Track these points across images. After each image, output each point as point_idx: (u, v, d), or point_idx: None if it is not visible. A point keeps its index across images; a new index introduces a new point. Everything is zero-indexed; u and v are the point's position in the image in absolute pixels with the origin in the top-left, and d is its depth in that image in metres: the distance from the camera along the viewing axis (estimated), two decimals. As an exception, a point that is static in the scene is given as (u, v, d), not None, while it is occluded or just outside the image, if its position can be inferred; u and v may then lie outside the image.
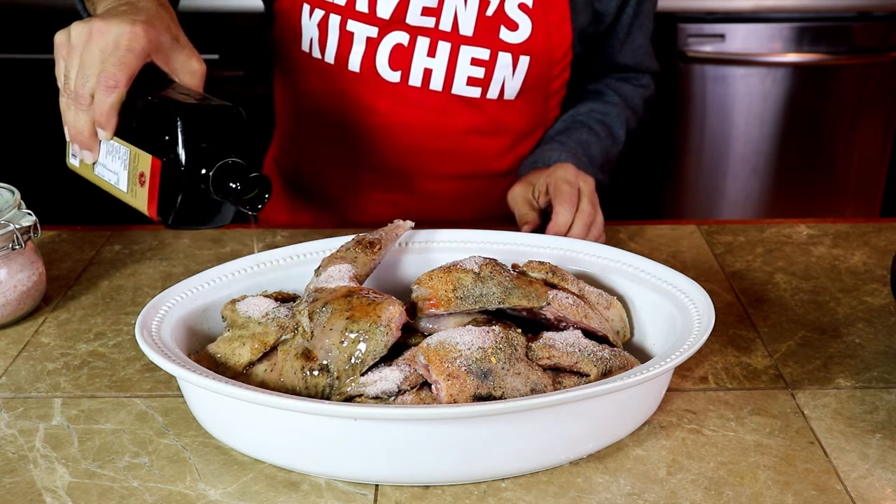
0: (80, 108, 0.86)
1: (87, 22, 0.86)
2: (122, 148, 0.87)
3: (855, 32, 2.28)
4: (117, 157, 0.88)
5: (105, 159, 0.89)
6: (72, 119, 0.87)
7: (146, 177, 0.84)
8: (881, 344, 0.93)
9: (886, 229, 1.19)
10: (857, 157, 2.38)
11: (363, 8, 1.14)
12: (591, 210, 1.05)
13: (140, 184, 0.85)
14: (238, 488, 0.72)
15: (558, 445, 0.74)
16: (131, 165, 0.86)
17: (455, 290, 0.79)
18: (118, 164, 0.88)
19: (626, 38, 1.26)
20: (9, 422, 0.81)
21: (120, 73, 0.84)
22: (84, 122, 0.86)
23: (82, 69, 0.85)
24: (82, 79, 0.85)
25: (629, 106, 1.29)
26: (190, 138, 0.82)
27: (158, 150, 0.83)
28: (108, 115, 0.85)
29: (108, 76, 0.83)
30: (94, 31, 0.85)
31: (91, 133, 0.87)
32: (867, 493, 0.72)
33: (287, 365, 0.77)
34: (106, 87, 0.84)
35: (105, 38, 0.84)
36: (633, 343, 0.88)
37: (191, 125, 0.82)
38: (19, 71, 2.27)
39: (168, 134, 0.82)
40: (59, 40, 0.88)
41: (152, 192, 0.84)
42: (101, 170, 0.91)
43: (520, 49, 1.15)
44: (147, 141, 0.84)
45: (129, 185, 0.87)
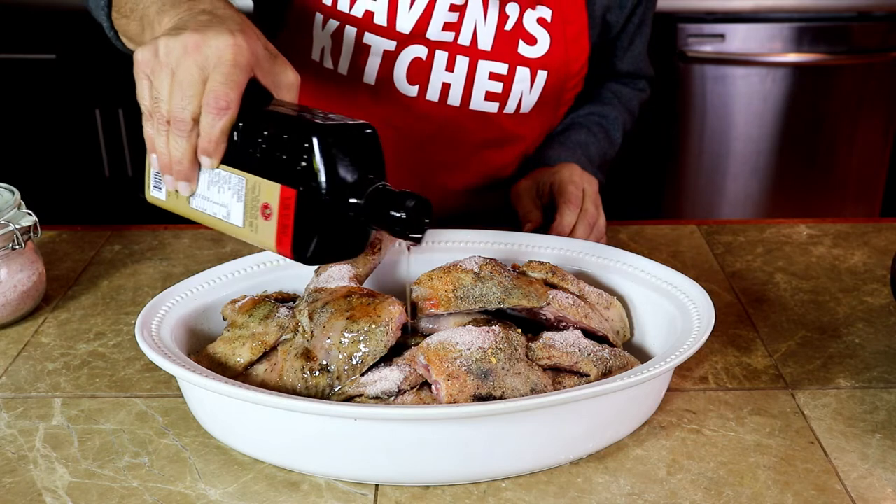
0: (179, 135, 0.75)
1: (176, 36, 0.74)
2: (233, 177, 0.75)
3: (855, 32, 2.28)
4: (226, 188, 0.76)
5: (207, 191, 0.78)
6: (164, 147, 0.76)
7: (273, 209, 0.73)
8: (881, 344, 0.93)
9: (886, 229, 1.19)
10: (857, 157, 2.38)
11: (382, 21, 1.11)
12: (594, 211, 1.06)
13: (264, 217, 0.74)
14: (238, 488, 0.72)
15: (558, 445, 0.74)
16: (249, 196, 0.75)
17: (455, 290, 0.79)
18: (228, 196, 0.76)
19: (628, 47, 1.26)
20: (9, 422, 0.81)
21: (230, 92, 0.73)
22: (184, 150, 0.75)
23: (180, 89, 0.74)
24: (181, 100, 0.74)
25: (627, 108, 1.29)
26: (332, 163, 0.71)
27: (290, 179, 0.72)
28: (217, 141, 0.74)
29: (218, 96, 0.73)
30: (188, 45, 0.73)
31: (192, 162, 0.76)
32: (867, 493, 0.72)
33: (287, 365, 0.77)
34: (217, 110, 0.73)
35: (203, 53, 0.73)
36: (633, 343, 0.88)
37: (331, 148, 0.71)
38: (19, 71, 2.27)
39: (304, 159, 0.71)
40: (142, 57, 0.76)
41: (283, 225, 0.73)
42: (200, 202, 0.79)
43: (538, 64, 1.14)
44: (272, 168, 0.73)
45: (246, 219, 0.75)
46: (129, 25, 0.89)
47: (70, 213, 2.25)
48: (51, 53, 2.25)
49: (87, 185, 2.40)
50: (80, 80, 2.28)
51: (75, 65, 2.26)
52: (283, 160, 0.72)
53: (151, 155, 0.78)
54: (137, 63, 0.76)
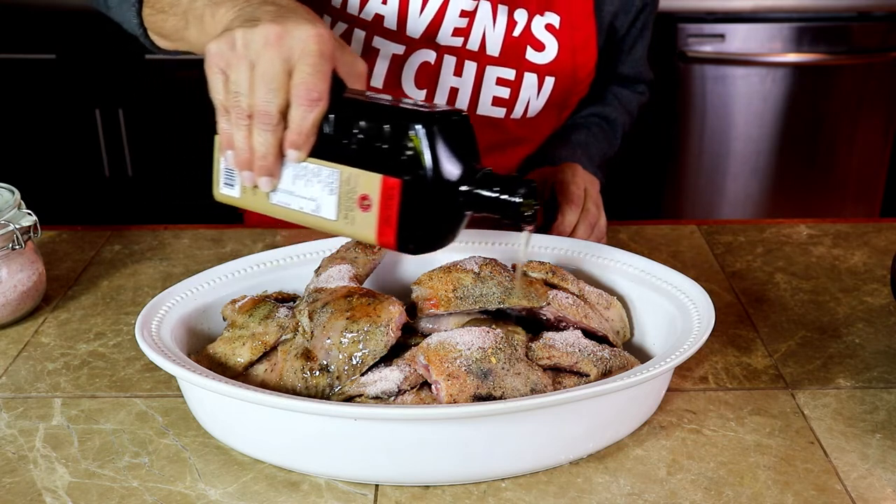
0: (264, 129, 0.73)
1: (252, 27, 0.72)
2: (323, 170, 0.74)
3: (855, 32, 2.28)
4: (315, 181, 0.75)
5: (292, 185, 0.76)
6: (244, 142, 0.74)
7: (373, 200, 0.72)
8: (881, 344, 0.93)
9: (886, 229, 1.19)
10: (857, 157, 2.38)
11: (391, 25, 1.10)
12: (595, 212, 1.06)
13: (362, 209, 0.73)
14: (238, 488, 0.72)
15: (558, 445, 0.74)
16: (343, 188, 0.74)
17: (455, 290, 0.79)
18: (317, 189, 0.75)
19: (630, 50, 1.26)
20: (9, 422, 0.81)
21: (321, 83, 0.71)
22: (269, 145, 0.73)
23: (263, 82, 0.71)
24: (266, 94, 0.71)
25: (626, 110, 1.30)
26: (439, 151, 0.70)
27: (393, 168, 0.71)
28: (308, 134, 0.73)
29: (310, 88, 0.71)
30: (270, 36, 0.71)
31: (277, 156, 0.74)
32: (867, 493, 0.72)
33: (287, 365, 0.77)
34: (309, 101, 0.71)
35: (287, 44, 0.71)
36: (633, 343, 0.88)
37: (436, 136, 0.70)
38: (19, 71, 2.27)
39: (408, 148, 0.70)
40: (216, 49, 0.73)
41: (386, 216, 0.72)
42: (283, 198, 0.77)
43: (546, 70, 1.14)
44: (369, 158, 0.72)
45: (340, 212, 0.74)
46: (167, 21, 0.87)
47: (70, 213, 2.25)
48: (51, 53, 2.25)
49: (87, 185, 2.40)
50: (80, 80, 2.28)
51: (75, 65, 2.26)
52: (384, 150, 0.72)
53: (227, 151, 0.76)
54: (211, 56, 0.73)
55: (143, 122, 2.33)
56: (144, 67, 2.25)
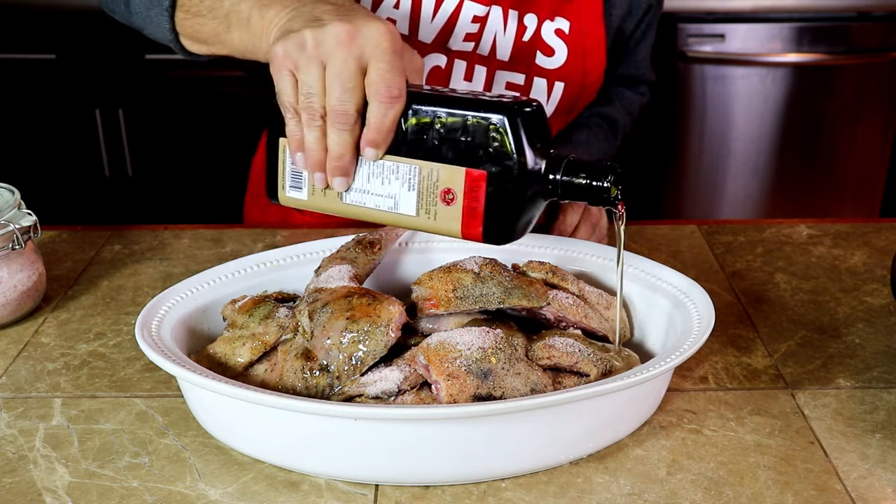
0: (341, 128, 0.72)
1: (321, 26, 0.71)
2: (402, 166, 0.75)
3: (855, 32, 2.28)
4: (393, 178, 0.75)
5: (367, 184, 0.76)
6: (317, 143, 0.73)
7: (456, 193, 0.73)
8: (881, 344, 0.93)
9: (886, 229, 1.19)
10: (857, 157, 2.39)
11: (403, 30, 1.09)
12: (597, 213, 1.06)
13: (446, 202, 0.74)
14: (238, 488, 0.72)
15: (558, 445, 0.74)
16: (424, 184, 0.74)
17: (455, 290, 0.79)
18: (395, 186, 0.75)
19: (633, 51, 1.26)
20: (9, 422, 0.81)
21: (399, 79, 0.71)
22: (346, 144, 0.73)
23: (338, 82, 0.71)
24: (342, 93, 0.71)
25: (627, 111, 1.30)
26: (525, 141, 0.71)
27: (477, 161, 0.72)
28: (388, 131, 0.73)
29: (390, 85, 0.71)
30: (340, 35, 0.70)
31: (353, 155, 0.74)
32: (867, 493, 0.72)
33: (287, 365, 0.77)
34: (389, 98, 0.71)
35: (358, 43, 0.71)
36: (633, 343, 0.88)
37: (519, 126, 0.71)
38: (19, 71, 2.27)
39: (493, 140, 0.71)
40: (283, 51, 0.72)
41: (472, 209, 0.73)
42: (358, 197, 0.77)
43: (555, 75, 1.14)
44: (451, 152, 0.73)
45: (421, 207, 0.75)
46: (205, 25, 0.87)
47: (70, 213, 2.25)
48: (51, 53, 2.25)
49: (87, 185, 2.40)
50: (80, 80, 2.28)
51: (75, 65, 2.26)
52: (466, 143, 0.72)
53: (296, 154, 0.75)
54: (278, 58, 0.73)
55: (143, 122, 2.33)
56: (144, 67, 2.26)
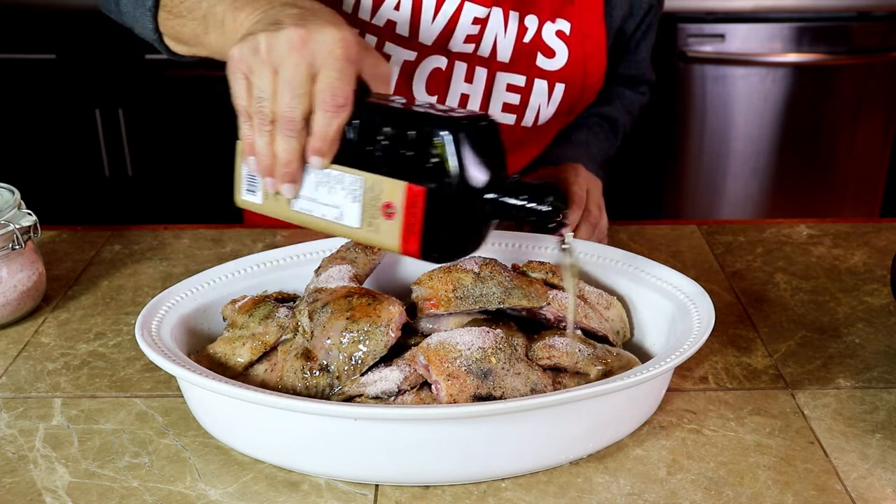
0: (288, 135, 0.71)
1: (276, 31, 0.70)
2: (346, 176, 0.73)
3: (855, 32, 2.28)
4: (338, 188, 0.73)
5: (315, 192, 0.75)
6: (266, 148, 0.73)
7: (396, 208, 0.70)
8: (881, 344, 0.93)
9: (886, 229, 1.19)
10: (857, 157, 2.38)
11: (404, 31, 1.09)
12: (597, 213, 1.06)
13: (386, 216, 0.71)
14: (238, 488, 0.72)
15: (558, 445, 0.74)
16: (367, 196, 0.72)
17: (455, 290, 0.79)
18: (340, 196, 0.74)
19: (634, 51, 1.26)
20: (9, 422, 0.81)
21: (347, 87, 0.70)
22: (292, 151, 0.72)
23: (287, 88, 0.70)
24: (290, 99, 0.70)
25: (628, 110, 1.30)
26: (465, 158, 0.68)
27: (418, 176, 0.69)
28: (332, 140, 0.71)
29: (336, 93, 0.69)
30: (293, 40, 0.69)
31: (300, 162, 0.73)
32: (867, 493, 0.72)
33: (287, 365, 0.77)
34: (334, 107, 0.70)
35: (310, 48, 0.69)
36: (633, 343, 0.88)
37: (462, 142, 0.68)
38: (19, 71, 2.27)
39: (433, 155, 0.68)
40: (239, 55, 0.71)
41: (410, 224, 0.70)
42: (305, 205, 0.76)
43: (556, 76, 1.14)
44: (393, 166, 0.71)
45: (364, 219, 0.73)
46: (185, 26, 0.86)
47: (70, 213, 2.25)
48: (51, 53, 2.25)
49: (87, 185, 2.40)
50: (80, 80, 2.28)
51: (75, 65, 2.26)
52: (409, 157, 0.70)
53: (249, 157, 0.75)
54: (234, 61, 0.72)
55: (143, 122, 2.33)
56: (144, 67, 2.25)
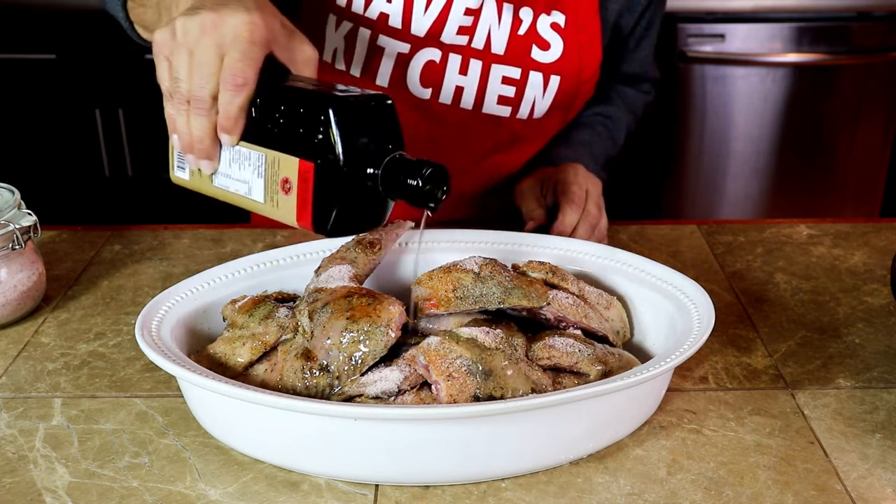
0: (198, 113, 0.76)
1: (192, 16, 0.75)
2: (253, 153, 0.77)
3: (855, 32, 2.28)
4: (247, 164, 0.78)
5: (228, 168, 0.79)
6: (185, 126, 0.77)
7: (292, 183, 0.74)
8: (881, 344, 0.93)
9: (886, 229, 1.19)
10: (857, 157, 2.38)
11: (396, 24, 1.10)
12: (596, 213, 1.06)
13: (284, 191, 0.75)
14: (238, 488, 0.72)
15: (558, 445, 0.74)
16: (269, 172, 0.76)
17: (455, 290, 0.79)
18: (248, 172, 0.78)
19: (635, 49, 1.26)
20: (9, 422, 0.81)
21: (247, 68, 0.74)
22: (204, 129, 0.76)
23: (198, 68, 0.74)
24: (200, 79, 0.75)
25: (630, 109, 1.29)
26: (350, 135, 0.72)
27: (308, 152, 0.73)
28: (235, 118, 0.76)
29: (235, 73, 0.74)
30: (205, 23, 0.74)
31: (212, 140, 0.77)
32: (867, 493, 0.72)
33: (287, 365, 0.77)
34: (234, 87, 0.74)
35: (220, 31, 0.74)
36: (633, 343, 0.88)
37: (347, 119, 0.72)
38: (19, 71, 2.27)
39: (320, 132, 0.72)
40: (160, 38, 0.77)
41: (303, 199, 0.74)
42: (222, 181, 0.81)
43: (551, 69, 1.14)
44: (289, 142, 0.75)
45: (267, 195, 0.77)
46: (146, 14, 0.91)
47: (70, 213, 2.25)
48: (51, 53, 2.25)
49: (87, 185, 2.40)
50: (80, 80, 2.28)
51: (75, 65, 2.26)
52: (301, 134, 0.74)
53: (173, 135, 0.79)
54: (156, 44, 0.77)
55: (143, 122, 2.33)
56: (144, 67, 2.25)
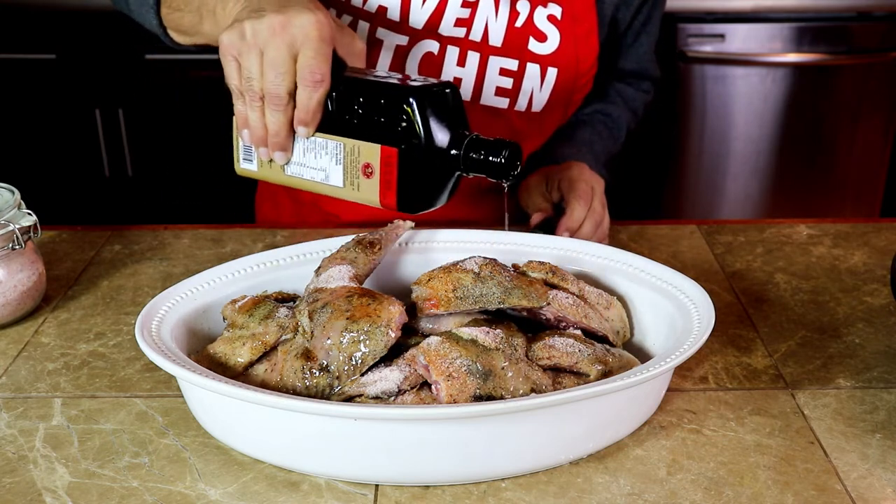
0: (275, 109, 0.82)
1: (259, 18, 0.80)
2: (330, 142, 0.85)
3: (855, 32, 2.28)
4: (323, 153, 0.85)
5: (303, 157, 0.87)
6: (258, 121, 0.84)
7: (374, 167, 0.82)
8: (881, 344, 0.93)
9: (886, 229, 1.19)
10: (857, 157, 2.38)
11: (395, 16, 1.12)
12: (601, 210, 1.07)
13: (366, 175, 0.83)
14: (238, 488, 0.72)
15: (558, 445, 0.74)
16: (349, 158, 0.84)
17: (455, 290, 0.79)
18: (325, 160, 0.85)
19: (633, 44, 1.26)
20: (9, 422, 0.81)
21: (323, 65, 0.80)
22: (280, 123, 0.83)
23: (272, 67, 0.80)
24: (275, 77, 0.80)
25: (630, 108, 1.30)
26: (429, 120, 0.80)
27: (390, 139, 0.81)
28: (314, 112, 0.83)
29: (314, 70, 0.80)
30: (274, 25, 0.79)
31: (288, 133, 0.84)
32: (867, 493, 0.72)
33: (287, 365, 0.77)
34: (313, 83, 0.80)
35: (290, 32, 0.79)
36: (633, 343, 0.88)
37: (426, 107, 0.80)
38: (19, 71, 2.27)
39: (403, 120, 0.80)
40: (228, 40, 0.82)
41: (387, 181, 0.82)
42: (297, 169, 0.88)
43: (548, 60, 1.15)
44: (370, 131, 0.82)
45: (346, 179, 0.85)
46: (184, 18, 0.95)
47: (70, 213, 2.25)
48: (51, 53, 2.25)
49: (87, 185, 2.40)
50: (80, 80, 2.28)
51: (75, 65, 2.26)
52: (382, 122, 0.81)
53: (243, 130, 0.85)
54: (224, 46, 0.82)
55: (143, 122, 2.33)
56: (144, 67, 2.26)
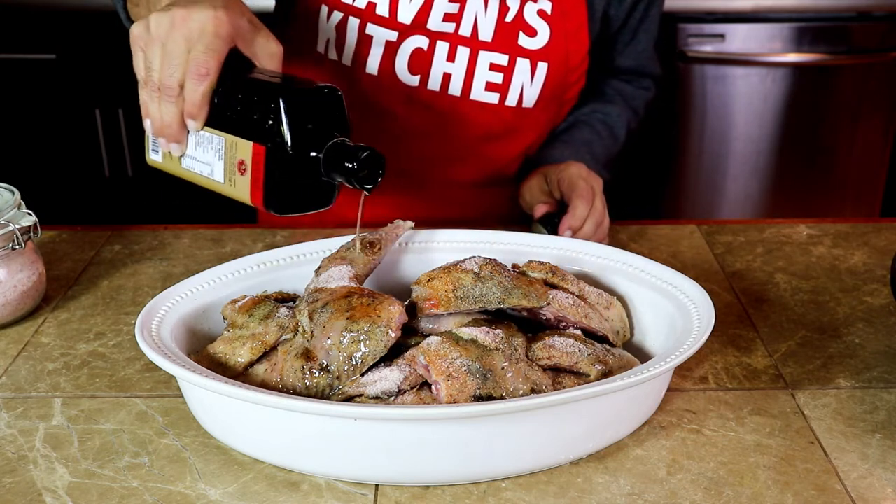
0: (168, 100, 0.83)
1: (166, 12, 0.83)
2: (215, 137, 0.85)
3: (855, 32, 2.28)
4: (210, 148, 0.85)
5: (195, 151, 0.87)
6: (157, 112, 0.85)
7: (247, 164, 0.82)
8: (881, 344, 0.93)
9: (886, 229, 1.19)
10: (857, 157, 2.38)
11: (384, 12, 1.13)
12: (602, 209, 1.08)
13: (240, 172, 0.83)
14: (238, 488, 0.72)
15: (558, 445, 0.74)
16: (228, 154, 0.84)
17: (455, 290, 0.79)
18: (211, 155, 0.86)
19: (631, 41, 1.26)
20: (9, 422, 0.81)
21: (210, 59, 0.81)
22: (172, 114, 0.84)
23: (167, 59, 0.82)
24: (168, 69, 0.82)
25: (630, 106, 1.30)
26: (295, 121, 0.80)
27: (260, 136, 0.81)
28: (199, 105, 0.83)
29: (199, 64, 0.81)
30: (175, 19, 0.82)
31: (180, 125, 0.85)
32: (867, 493, 0.72)
33: (287, 365, 0.77)
34: (197, 76, 0.82)
35: (189, 26, 0.81)
36: (633, 343, 0.88)
37: (295, 107, 0.80)
38: (19, 71, 2.27)
39: (271, 119, 0.80)
40: (136, 32, 0.85)
41: (256, 179, 0.82)
42: (190, 162, 0.88)
43: (538, 55, 1.15)
44: (245, 128, 0.82)
45: (226, 175, 0.85)
46: (140, 12, 0.98)
47: (70, 213, 2.25)
48: (51, 53, 2.25)
49: (87, 185, 2.40)
50: (80, 80, 2.28)
51: (75, 65, 2.26)
52: (255, 120, 0.81)
53: (146, 120, 0.87)
54: (133, 37, 0.85)
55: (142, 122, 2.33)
56: (144, 67, 2.25)
